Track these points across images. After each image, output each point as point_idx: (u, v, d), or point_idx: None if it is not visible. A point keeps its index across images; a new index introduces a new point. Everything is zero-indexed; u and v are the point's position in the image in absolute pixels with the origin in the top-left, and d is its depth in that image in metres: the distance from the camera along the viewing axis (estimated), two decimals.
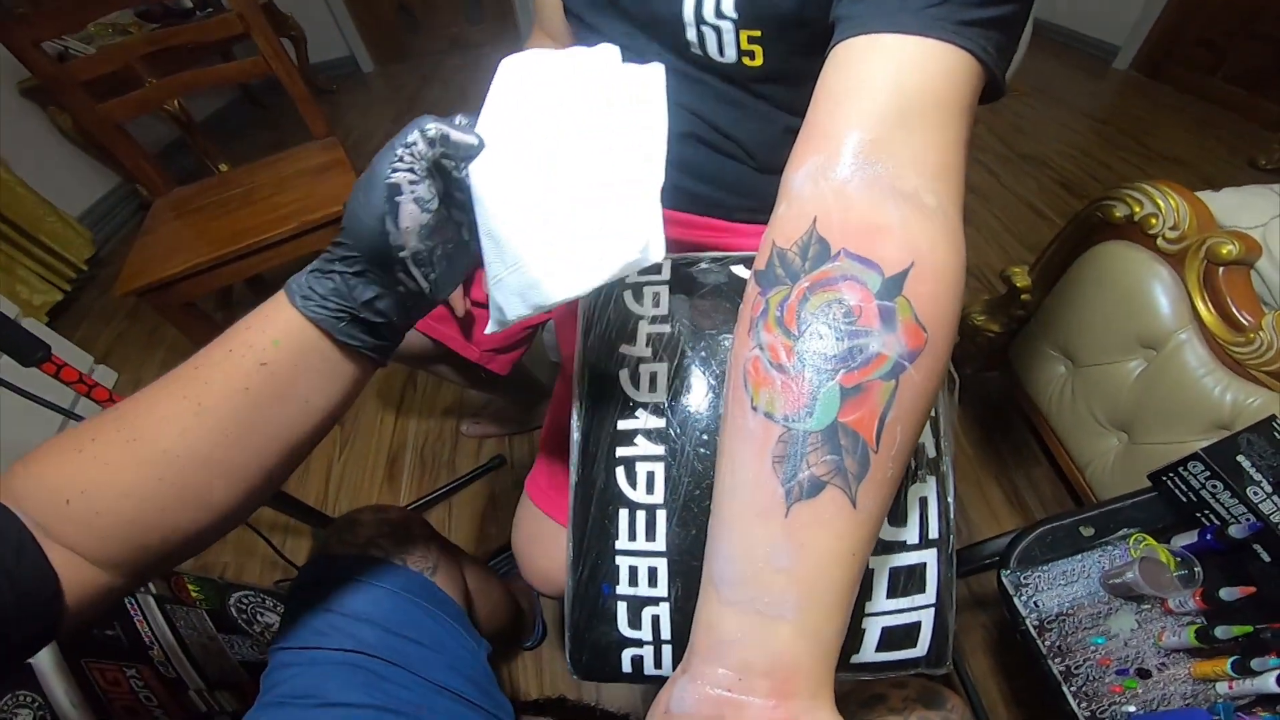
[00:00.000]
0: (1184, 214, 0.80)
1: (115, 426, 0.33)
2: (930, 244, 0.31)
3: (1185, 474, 0.65)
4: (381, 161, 0.34)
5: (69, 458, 0.32)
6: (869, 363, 0.29)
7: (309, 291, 0.35)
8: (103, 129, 1.27)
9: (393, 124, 2.86)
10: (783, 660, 0.28)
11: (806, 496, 0.28)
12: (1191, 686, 0.60)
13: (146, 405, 0.33)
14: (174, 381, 0.34)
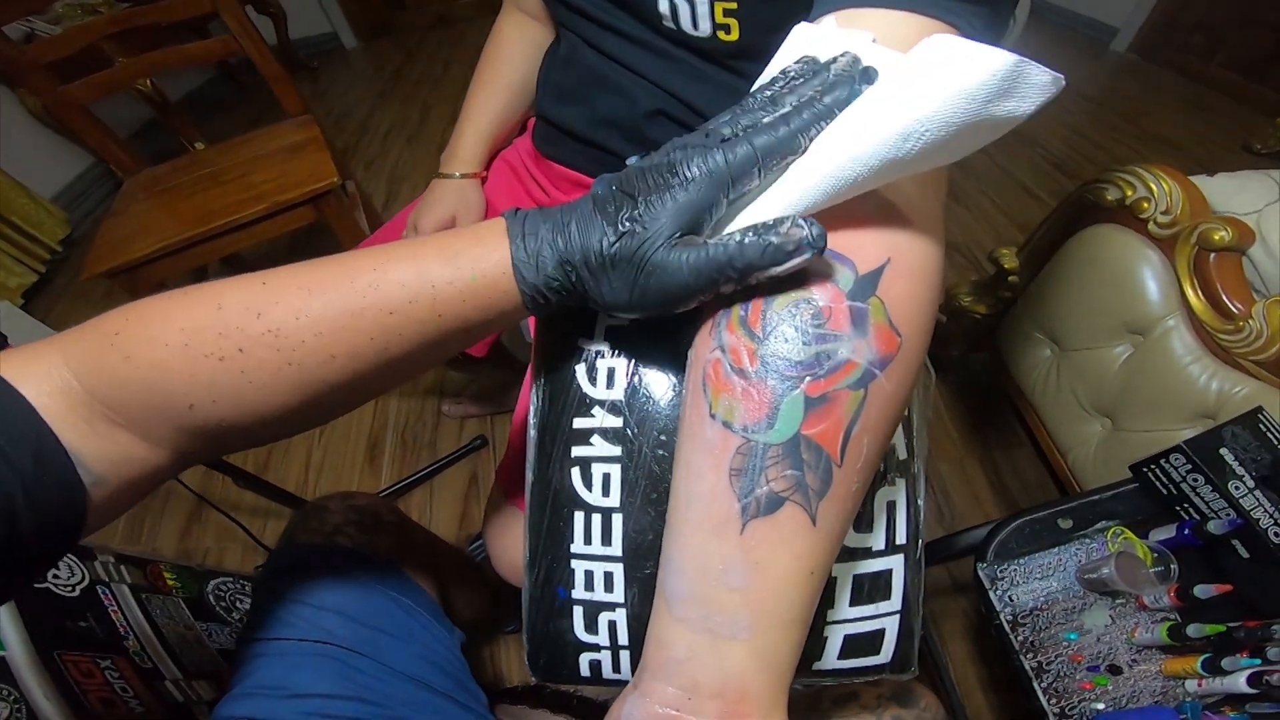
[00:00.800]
0: (1177, 198, 0.79)
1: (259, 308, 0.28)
2: (909, 237, 0.29)
3: (1166, 466, 0.65)
4: None
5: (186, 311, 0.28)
6: (836, 370, 0.27)
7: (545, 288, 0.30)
8: (67, 111, 1.24)
9: (377, 99, 2.80)
10: (734, 681, 0.27)
11: (764, 513, 0.27)
12: (1161, 683, 0.60)
13: (303, 305, 0.28)
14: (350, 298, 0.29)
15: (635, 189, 0.28)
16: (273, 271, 0.30)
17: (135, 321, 0.28)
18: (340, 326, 0.28)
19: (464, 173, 0.77)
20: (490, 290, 0.29)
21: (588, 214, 0.29)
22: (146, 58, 1.27)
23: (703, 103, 0.59)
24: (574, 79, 0.65)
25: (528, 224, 0.30)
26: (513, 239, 0.29)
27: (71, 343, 0.28)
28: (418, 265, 0.29)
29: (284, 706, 0.50)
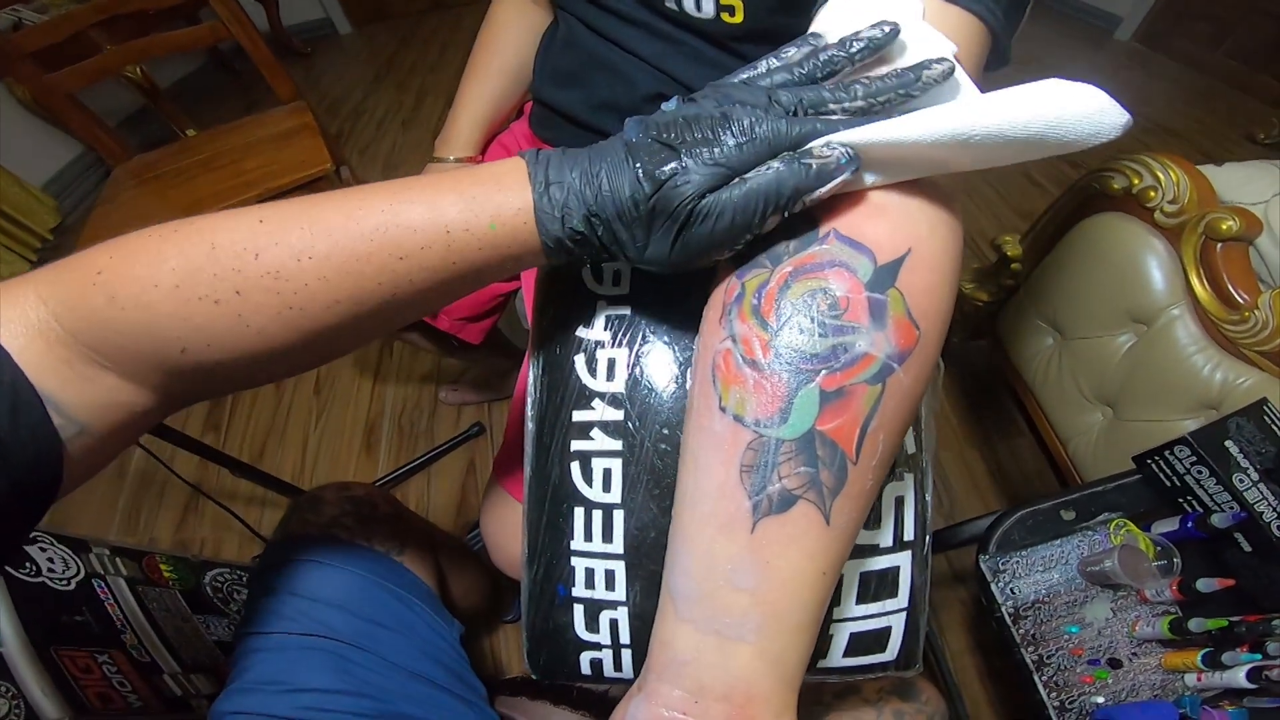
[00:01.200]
0: (1184, 188, 0.78)
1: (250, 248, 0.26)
2: (930, 227, 0.28)
3: (1170, 458, 0.64)
4: None
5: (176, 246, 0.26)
6: (854, 364, 0.26)
7: (569, 240, 0.28)
8: (53, 99, 1.22)
9: (372, 85, 2.76)
10: (741, 684, 0.26)
11: (776, 511, 0.26)
12: (1161, 677, 0.59)
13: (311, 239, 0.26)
14: (358, 241, 0.26)
15: (679, 139, 0.26)
16: (271, 206, 0.27)
17: (121, 259, 0.26)
18: (346, 271, 0.26)
19: (458, 157, 0.75)
20: (509, 239, 0.28)
21: (619, 162, 0.27)
22: (134, 45, 1.24)
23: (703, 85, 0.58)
24: (572, 62, 0.64)
25: (551, 169, 0.28)
26: (535, 186, 0.27)
27: (50, 282, 0.26)
28: (432, 208, 0.27)
29: (282, 701, 0.50)
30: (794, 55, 0.30)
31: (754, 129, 0.26)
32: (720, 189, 0.26)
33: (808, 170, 0.26)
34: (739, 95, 0.27)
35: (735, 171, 0.26)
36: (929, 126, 0.25)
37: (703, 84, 0.58)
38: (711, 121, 0.26)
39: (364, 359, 1.56)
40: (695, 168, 0.26)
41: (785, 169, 0.26)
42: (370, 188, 0.28)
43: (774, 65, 0.30)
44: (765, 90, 0.28)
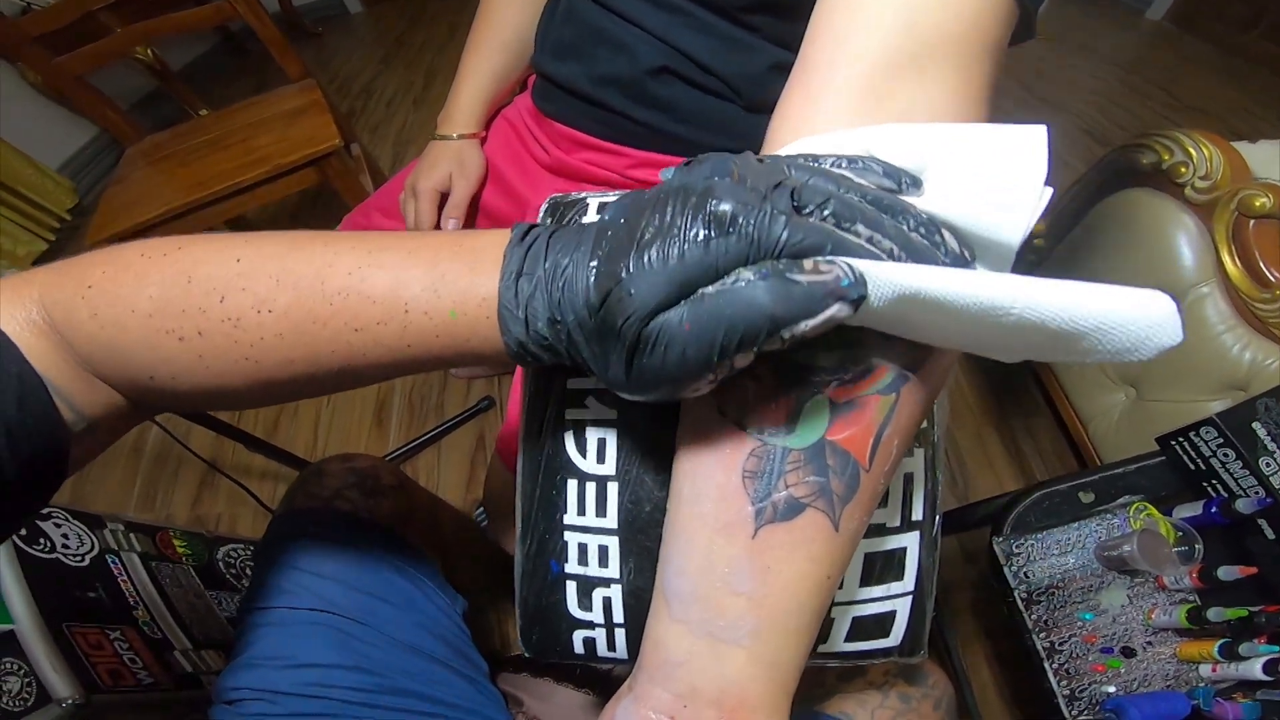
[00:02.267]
0: (1218, 164, 0.76)
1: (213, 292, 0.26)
2: None
3: (1196, 439, 0.62)
4: None
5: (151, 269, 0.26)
6: (865, 377, 0.24)
7: (534, 345, 0.25)
8: (63, 82, 1.23)
9: (382, 64, 2.75)
10: (733, 689, 0.25)
11: (781, 519, 0.24)
12: (1175, 667, 0.58)
13: (266, 303, 0.25)
14: (317, 303, 0.25)
15: (641, 226, 0.21)
16: (256, 243, 0.27)
17: (109, 277, 0.26)
18: (301, 332, 0.25)
19: (461, 133, 0.74)
20: (469, 332, 0.25)
21: (586, 255, 0.22)
22: (142, 26, 1.25)
23: (710, 58, 0.56)
24: (573, 34, 0.62)
25: (532, 254, 0.24)
26: (504, 275, 0.23)
27: (51, 285, 0.27)
28: (397, 280, 0.25)
29: (283, 677, 0.50)
30: (841, 166, 0.24)
31: (735, 219, 0.20)
32: (673, 310, 0.20)
33: (791, 290, 0.19)
34: (743, 167, 0.22)
35: (694, 282, 0.20)
36: (965, 286, 0.20)
37: (710, 55, 0.57)
38: (684, 202, 0.21)
39: None
40: (642, 274, 0.20)
41: (761, 284, 0.19)
42: (354, 239, 0.26)
43: (813, 164, 0.24)
44: (782, 170, 0.22)
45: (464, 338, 0.25)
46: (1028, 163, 0.22)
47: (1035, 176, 0.22)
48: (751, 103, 0.58)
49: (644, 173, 0.65)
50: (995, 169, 0.23)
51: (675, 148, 0.63)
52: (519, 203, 0.77)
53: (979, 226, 0.23)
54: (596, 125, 0.65)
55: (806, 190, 0.21)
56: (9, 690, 0.62)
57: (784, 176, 0.21)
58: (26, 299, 0.26)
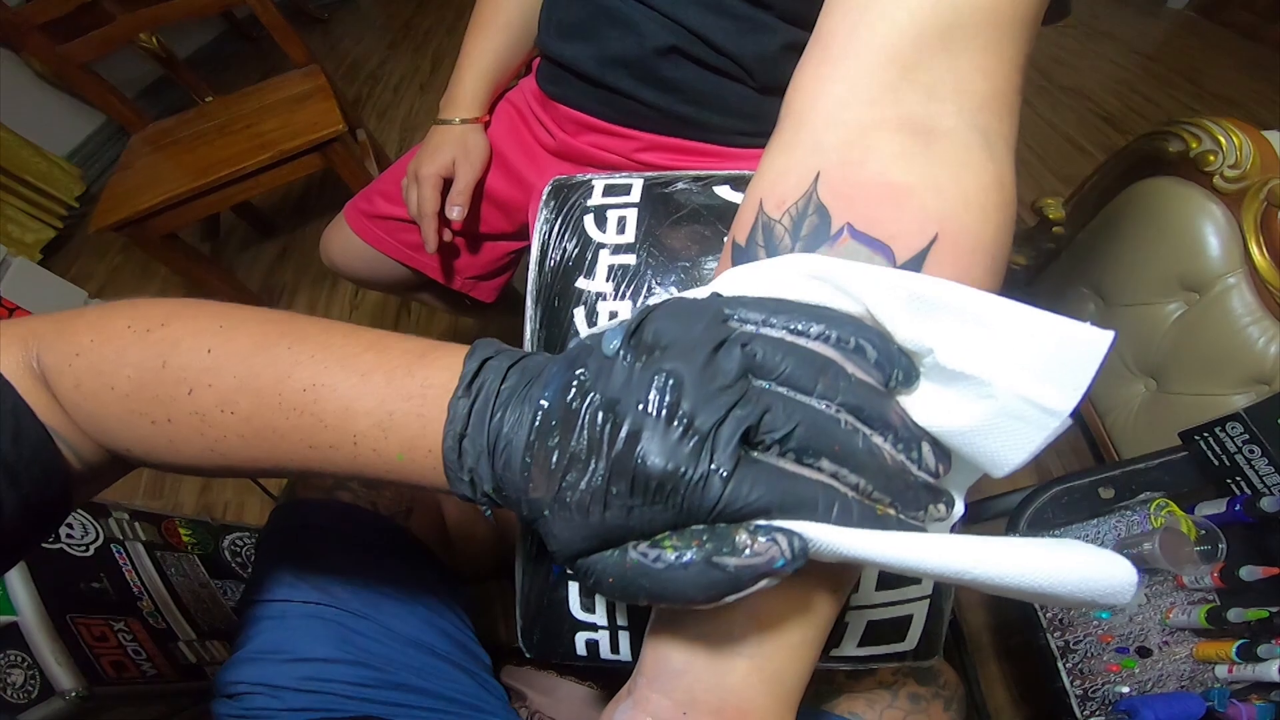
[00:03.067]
0: (1248, 153, 0.74)
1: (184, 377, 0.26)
2: (963, 203, 0.23)
3: (1221, 435, 0.60)
4: None
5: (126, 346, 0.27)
6: None
7: (485, 501, 0.24)
8: (67, 69, 1.23)
9: (389, 50, 2.73)
10: (734, 699, 0.24)
11: None
12: (1190, 667, 0.57)
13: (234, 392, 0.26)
14: (275, 415, 0.26)
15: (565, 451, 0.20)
16: (229, 331, 0.27)
17: (94, 347, 0.27)
18: (262, 439, 0.26)
19: (464, 118, 0.72)
20: (418, 475, 0.25)
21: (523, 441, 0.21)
22: (145, 13, 1.24)
23: (722, 38, 0.54)
24: (578, 13, 0.60)
25: (477, 412, 0.23)
26: (448, 435, 0.23)
27: (47, 344, 0.28)
28: (348, 408, 0.25)
29: (284, 671, 0.49)
30: (829, 341, 0.21)
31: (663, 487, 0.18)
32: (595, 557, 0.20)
33: (715, 577, 0.18)
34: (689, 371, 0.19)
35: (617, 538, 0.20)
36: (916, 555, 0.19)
37: (721, 35, 0.55)
38: (608, 440, 0.19)
39: (381, 318, 1.56)
40: (562, 522, 0.20)
41: (682, 572, 0.18)
42: (317, 343, 0.26)
43: (793, 340, 0.21)
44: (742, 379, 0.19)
45: (413, 478, 0.25)
46: (1069, 371, 0.19)
47: (1072, 391, 0.19)
48: (764, 84, 0.56)
49: (652, 156, 0.63)
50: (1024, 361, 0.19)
51: (685, 130, 0.61)
52: (524, 187, 0.75)
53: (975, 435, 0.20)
54: (603, 107, 0.63)
55: (770, 416, 0.19)
56: (13, 682, 0.62)
57: (741, 394, 0.19)
58: (27, 347, 0.27)
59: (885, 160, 0.23)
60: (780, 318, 0.21)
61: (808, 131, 0.25)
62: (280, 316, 0.28)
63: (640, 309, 0.21)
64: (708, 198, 0.36)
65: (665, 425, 0.18)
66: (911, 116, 0.24)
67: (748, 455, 0.19)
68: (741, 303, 0.21)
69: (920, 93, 0.24)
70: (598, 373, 0.20)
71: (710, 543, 0.18)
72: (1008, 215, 0.24)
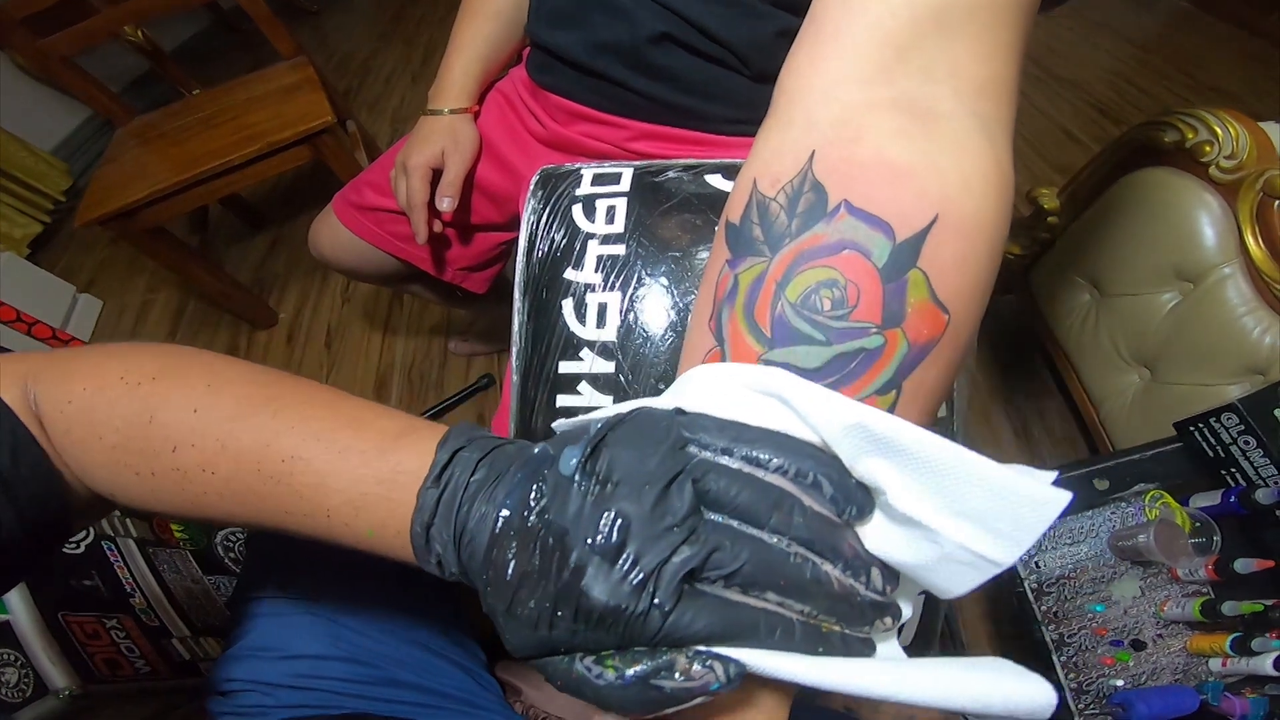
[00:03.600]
0: (1244, 144, 0.74)
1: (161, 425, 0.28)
2: (962, 186, 0.23)
3: (1216, 426, 0.60)
4: None
5: (111, 398, 0.29)
6: (861, 374, 0.22)
7: (447, 572, 0.25)
8: (49, 63, 1.21)
9: (379, 41, 2.71)
10: None
11: None
12: (1184, 661, 0.57)
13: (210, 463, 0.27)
14: (254, 483, 0.27)
15: (526, 552, 0.21)
16: (215, 392, 0.28)
17: (87, 396, 0.29)
18: (241, 501, 0.27)
19: (453, 108, 0.71)
20: (386, 550, 0.26)
21: (482, 548, 0.22)
22: (128, 5, 1.22)
23: (716, 25, 0.53)
24: (566, 1, 0.59)
25: (445, 504, 0.23)
26: (415, 524, 0.24)
27: (42, 391, 0.29)
28: (322, 483, 0.26)
29: (276, 669, 0.49)
30: (787, 474, 0.21)
31: (604, 620, 0.19)
32: (548, 661, 0.21)
33: (651, 695, 0.19)
34: (635, 506, 0.20)
35: (559, 650, 0.21)
36: (848, 680, 0.20)
37: (714, 21, 0.54)
38: (556, 570, 0.20)
39: (373, 311, 1.55)
40: (513, 630, 0.21)
41: (620, 690, 0.20)
42: (298, 414, 0.28)
43: (750, 469, 0.21)
44: (693, 517, 0.20)
45: (384, 551, 0.26)
46: (1019, 527, 0.20)
47: (1015, 547, 0.20)
48: (758, 72, 0.55)
49: (644, 145, 0.63)
50: (973, 510, 0.20)
51: (677, 119, 0.60)
52: (515, 178, 0.75)
53: (921, 570, 0.21)
54: (594, 96, 0.62)
55: (719, 555, 0.20)
56: (7, 681, 0.61)
57: (689, 532, 0.20)
58: (26, 387, 0.29)
59: (882, 138, 0.23)
60: (740, 447, 0.21)
61: (801, 110, 0.25)
62: (267, 379, 0.30)
63: (603, 425, 0.22)
64: (699, 186, 0.35)
65: (610, 564, 0.19)
66: (908, 97, 0.23)
67: (692, 588, 0.20)
68: (702, 425, 0.22)
69: (916, 75, 0.24)
70: (553, 494, 0.21)
71: (650, 664, 0.19)
72: (1007, 200, 0.24)
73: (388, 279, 0.91)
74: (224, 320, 1.58)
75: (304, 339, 1.54)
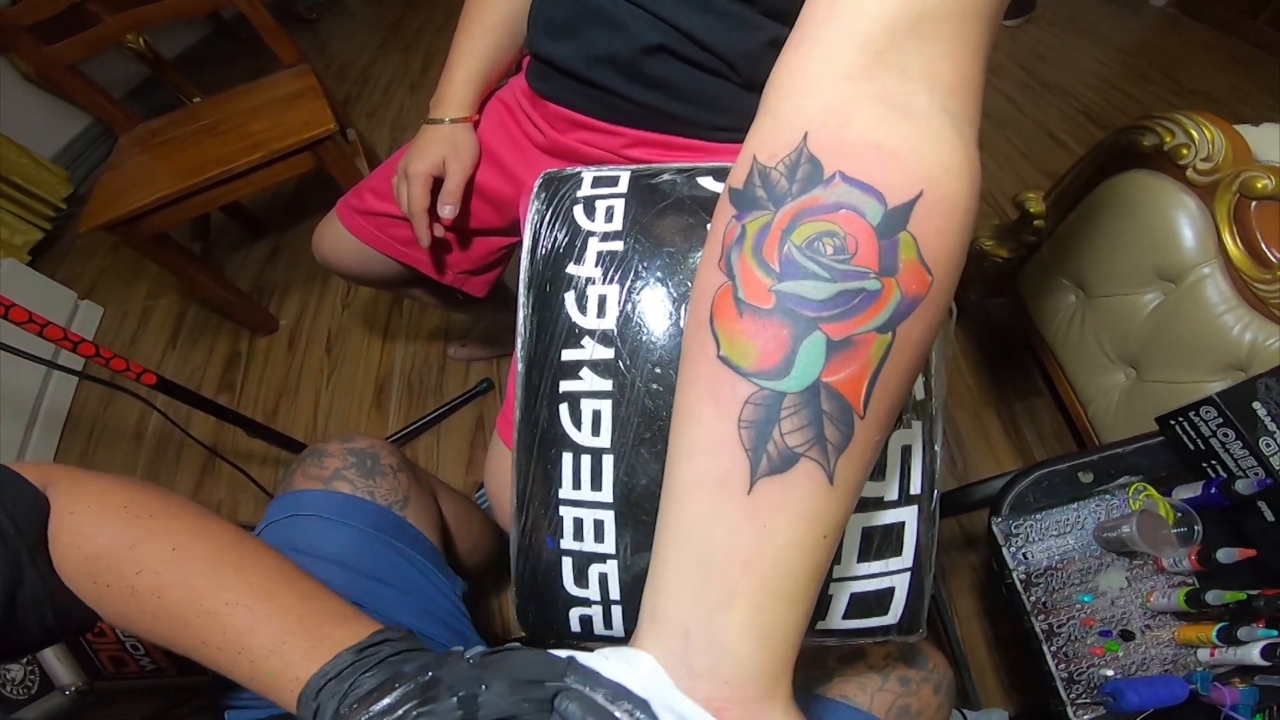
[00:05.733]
0: (1219, 146, 0.76)
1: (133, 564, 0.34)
2: (943, 170, 0.25)
3: (1195, 419, 0.61)
4: None
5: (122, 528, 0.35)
6: (863, 311, 0.24)
7: None
8: (54, 71, 1.23)
9: (378, 50, 2.73)
10: (729, 657, 0.24)
11: (776, 471, 0.24)
12: (1173, 651, 0.58)
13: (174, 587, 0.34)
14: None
15: None
16: (197, 538, 0.35)
17: (89, 514, 0.36)
18: (169, 625, 0.34)
19: (454, 117, 0.73)
20: (270, 692, 0.32)
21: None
22: (131, 14, 1.23)
23: (710, 37, 0.55)
24: (565, 12, 0.61)
25: (361, 663, 0.31)
26: (332, 664, 0.31)
27: (54, 495, 0.36)
28: (250, 630, 0.33)
29: None
30: None
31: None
32: None
33: None
34: None
35: None
36: None
37: (708, 33, 0.56)
38: None
39: (373, 316, 1.56)
40: None
41: None
42: (263, 572, 0.35)
43: None
44: None
45: (265, 692, 0.32)
46: None
47: None
48: (747, 79, 0.57)
49: (640, 151, 0.64)
50: None
51: (670, 126, 0.62)
52: (514, 183, 0.76)
53: None
54: (591, 105, 0.64)
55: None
56: (12, 678, 0.62)
57: None
58: (46, 487, 0.36)
59: (868, 123, 0.25)
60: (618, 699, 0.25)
61: (790, 101, 0.27)
62: (245, 544, 0.36)
63: None
64: (691, 188, 0.37)
65: None
66: (886, 92, 0.25)
67: None
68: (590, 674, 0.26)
69: (893, 73, 0.26)
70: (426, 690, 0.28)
71: None
72: (976, 188, 0.26)
73: (389, 282, 0.93)
74: (225, 326, 1.59)
75: (305, 344, 1.55)
